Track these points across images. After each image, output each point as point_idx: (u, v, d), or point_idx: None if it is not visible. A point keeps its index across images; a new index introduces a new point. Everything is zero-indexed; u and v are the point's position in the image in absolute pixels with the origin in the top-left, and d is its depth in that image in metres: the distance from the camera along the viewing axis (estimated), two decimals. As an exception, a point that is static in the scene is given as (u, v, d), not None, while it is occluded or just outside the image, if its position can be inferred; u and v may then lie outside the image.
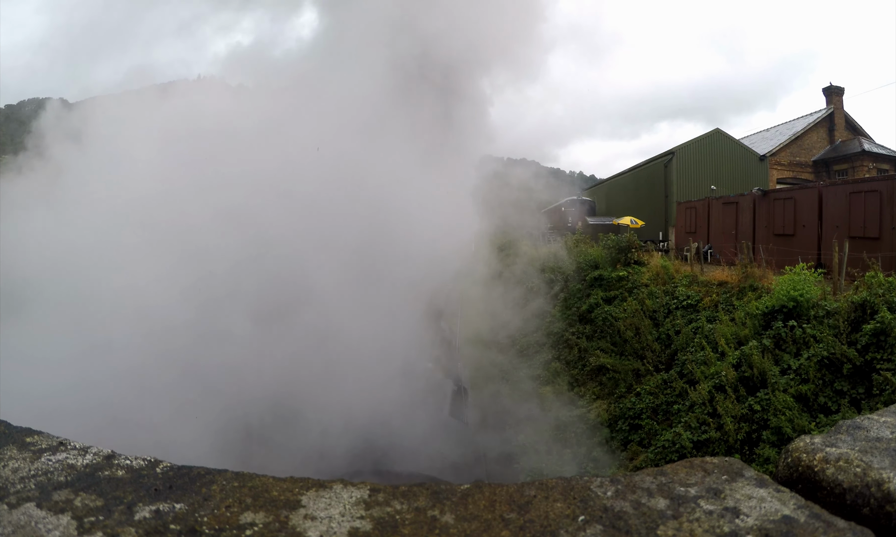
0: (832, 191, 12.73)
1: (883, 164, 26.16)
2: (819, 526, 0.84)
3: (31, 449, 1.05)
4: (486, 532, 0.86)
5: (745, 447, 6.91)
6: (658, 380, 9.29)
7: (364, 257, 11.22)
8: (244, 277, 10.14)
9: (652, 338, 10.44)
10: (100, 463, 1.02)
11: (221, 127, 11.50)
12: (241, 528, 0.85)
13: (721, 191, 22.50)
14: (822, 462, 1.01)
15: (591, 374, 11.21)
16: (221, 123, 11.54)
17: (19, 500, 0.88)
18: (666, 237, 24.06)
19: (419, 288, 11.92)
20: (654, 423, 8.57)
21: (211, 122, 11.51)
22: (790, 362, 7.42)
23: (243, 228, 10.53)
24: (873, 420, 1.17)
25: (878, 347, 6.64)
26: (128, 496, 0.92)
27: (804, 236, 13.06)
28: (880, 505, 0.90)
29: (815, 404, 6.79)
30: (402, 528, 0.87)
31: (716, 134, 27.52)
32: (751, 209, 15.38)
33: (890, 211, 10.91)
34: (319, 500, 0.94)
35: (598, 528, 0.86)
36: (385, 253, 11.45)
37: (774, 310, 8.24)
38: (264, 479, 1.00)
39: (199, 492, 0.95)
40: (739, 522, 0.86)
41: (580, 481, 1.00)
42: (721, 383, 7.74)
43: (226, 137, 11.39)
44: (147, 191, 10.44)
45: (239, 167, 10.96)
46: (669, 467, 1.05)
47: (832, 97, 28.76)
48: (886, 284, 7.25)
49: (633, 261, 14.18)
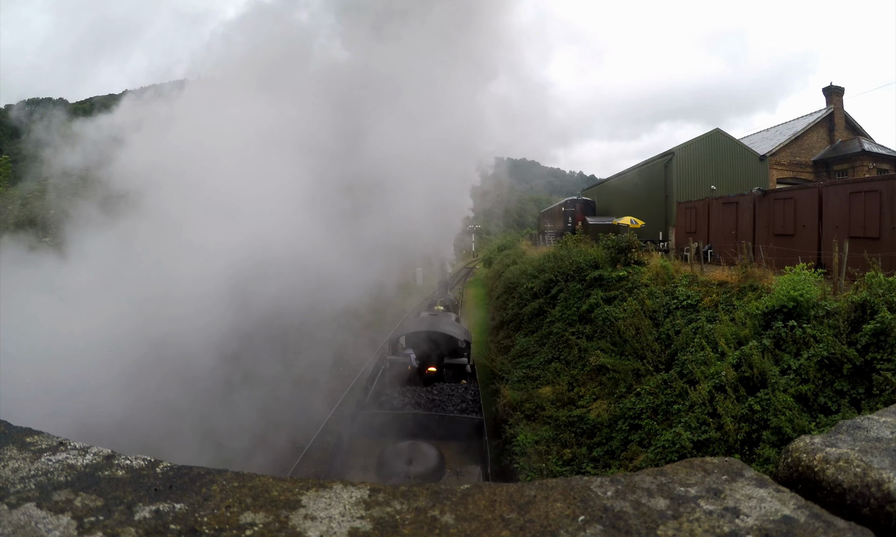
0: (832, 191, 12.73)
1: (883, 164, 26.17)
2: (819, 526, 0.84)
3: (31, 450, 1.05)
4: (486, 532, 0.86)
5: (745, 447, 6.90)
6: (658, 380, 9.28)
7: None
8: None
9: (652, 338, 10.44)
10: (100, 463, 1.02)
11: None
12: (241, 528, 0.85)
13: (721, 191, 22.50)
14: (822, 462, 1.01)
15: (591, 374, 11.21)
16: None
17: (19, 500, 0.88)
18: (666, 237, 24.06)
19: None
20: (654, 423, 8.56)
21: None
22: (790, 362, 7.42)
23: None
24: (873, 420, 1.17)
25: (878, 347, 6.63)
26: (128, 496, 0.92)
27: (804, 236, 13.06)
28: (880, 505, 0.90)
29: (815, 404, 6.78)
30: (402, 528, 0.87)
31: (716, 134, 27.52)
32: (751, 209, 15.38)
33: (890, 211, 10.91)
34: (319, 500, 0.94)
35: (598, 528, 0.86)
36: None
37: (774, 310, 8.23)
38: (264, 479, 1.00)
39: (199, 492, 0.95)
40: (739, 522, 0.86)
41: (580, 481, 1.00)
42: (721, 383, 7.74)
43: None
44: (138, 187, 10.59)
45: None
46: (669, 467, 1.06)
47: (832, 97, 28.78)
48: (886, 284, 7.25)
49: (633, 261, 14.18)
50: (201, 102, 12.18)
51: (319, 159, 12.01)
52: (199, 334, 9.27)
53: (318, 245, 11.62)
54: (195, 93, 12.82)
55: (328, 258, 11.83)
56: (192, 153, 10.77)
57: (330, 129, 12.49)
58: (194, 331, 9.19)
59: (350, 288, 12.92)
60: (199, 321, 9.26)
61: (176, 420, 8.84)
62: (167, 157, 10.59)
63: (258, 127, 11.63)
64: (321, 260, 11.65)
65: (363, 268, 12.87)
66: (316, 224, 11.76)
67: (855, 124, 29.12)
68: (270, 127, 11.79)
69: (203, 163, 10.73)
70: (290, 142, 11.95)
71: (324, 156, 12.21)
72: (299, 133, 12.12)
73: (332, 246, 12.00)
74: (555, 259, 17.75)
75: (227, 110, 11.69)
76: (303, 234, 11.31)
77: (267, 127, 11.76)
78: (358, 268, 12.59)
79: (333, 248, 12.00)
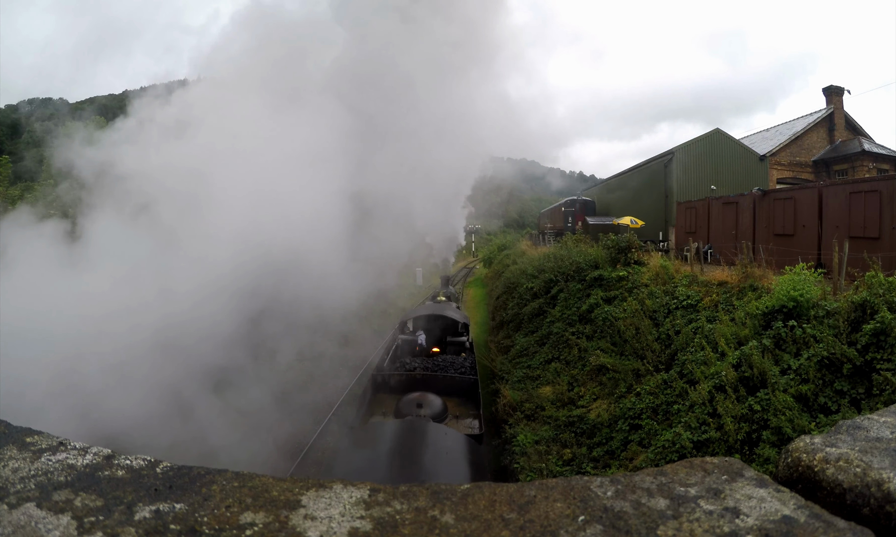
0: (832, 191, 12.72)
1: (883, 164, 26.16)
2: (819, 526, 0.84)
3: (31, 449, 1.05)
4: (486, 532, 0.86)
5: (745, 447, 6.90)
6: (658, 380, 9.28)
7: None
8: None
9: (652, 338, 10.44)
10: (100, 463, 1.02)
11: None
12: (241, 528, 0.85)
13: (721, 191, 22.49)
14: (822, 462, 1.01)
15: (591, 374, 11.21)
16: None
17: (19, 500, 0.88)
18: (666, 237, 24.06)
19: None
20: (654, 423, 8.56)
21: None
22: (790, 362, 7.41)
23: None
24: (873, 420, 1.17)
25: (878, 347, 6.63)
26: (128, 496, 0.92)
27: (804, 236, 13.05)
28: (880, 505, 0.90)
29: (815, 404, 6.78)
30: (402, 528, 0.87)
31: (716, 134, 27.51)
32: (751, 209, 15.37)
33: (890, 211, 10.90)
34: (319, 500, 0.94)
35: (598, 528, 0.86)
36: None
37: (774, 310, 8.23)
38: (264, 479, 1.00)
39: (199, 492, 0.95)
40: (739, 522, 0.86)
41: (580, 481, 1.00)
42: (721, 383, 7.73)
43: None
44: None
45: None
46: (669, 467, 1.05)
47: (832, 97, 28.77)
48: (886, 284, 7.24)
49: (633, 261, 14.17)
50: (209, 106, 12.60)
51: (332, 171, 12.86)
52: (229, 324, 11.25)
53: (335, 248, 13.45)
54: (205, 95, 13.23)
55: (341, 261, 13.75)
56: (210, 156, 11.64)
57: (340, 139, 13.08)
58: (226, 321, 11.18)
59: (358, 287, 14.87)
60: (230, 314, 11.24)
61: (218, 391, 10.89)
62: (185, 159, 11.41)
63: (273, 135, 12.33)
64: (336, 263, 13.54)
65: (368, 270, 14.26)
66: (331, 230, 13.39)
67: (855, 124, 29.11)
68: (287, 138, 12.48)
69: (218, 169, 11.72)
70: (304, 153, 12.65)
71: (336, 167, 13.00)
72: (311, 144, 12.70)
73: (344, 251, 13.83)
74: (555, 259, 17.73)
75: (234, 113, 12.08)
76: (321, 240, 12.98)
77: (282, 137, 12.41)
78: (363, 270, 13.95)
79: (345, 253, 13.88)
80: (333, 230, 13.21)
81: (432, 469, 5.25)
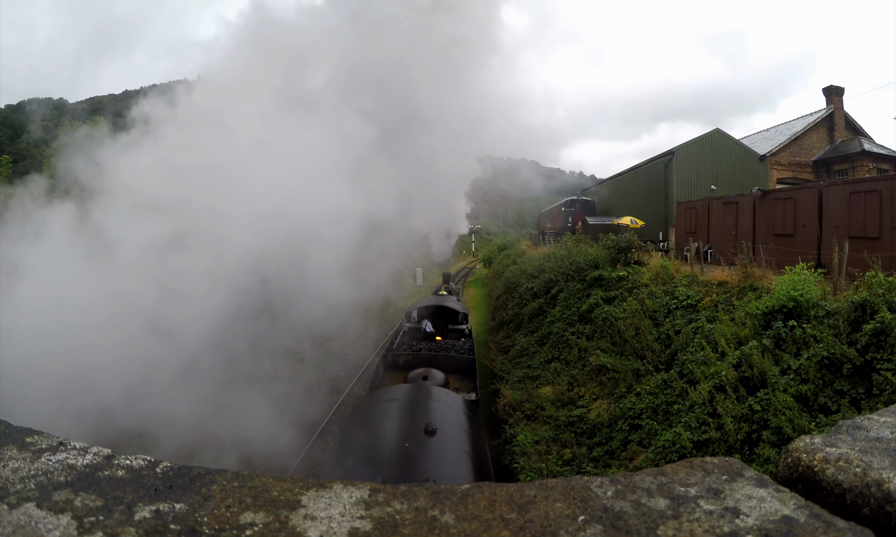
0: (832, 191, 12.71)
1: (883, 164, 26.16)
2: (819, 526, 0.84)
3: (31, 450, 1.05)
4: (486, 532, 0.86)
5: (745, 447, 6.90)
6: (658, 380, 9.27)
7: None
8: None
9: (652, 338, 10.43)
10: (100, 463, 1.02)
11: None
12: (241, 528, 0.85)
13: (721, 191, 22.48)
14: (822, 462, 1.01)
15: (591, 374, 11.20)
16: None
17: (19, 500, 0.88)
18: (666, 237, 24.05)
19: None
20: (654, 423, 8.56)
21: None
22: (790, 362, 7.41)
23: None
24: (873, 420, 1.17)
25: (878, 347, 6.62)
26: (128, 496, 0.92)
27: (804, 236, 13.05)
28: (880, 506, 0.90)
29: (815, 404, 6.78)
30: (402, 528, 0.87)
31: (716, 134, 27.50)
32: (751, 209, 15.37)
33: (890, 211, 10.90)
34: (319, 500, 0.94)
35: (598, 528, 0.86)
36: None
37: (774, 310, 8.23)
38: (264, 479, 1.00)
39: (199, 492, 0.95)
40: (739, 522, 0.86)
41: (580, 481, 1.00)
42: (721, 383, 7.73)
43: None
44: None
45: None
46: (669, 467, 1.05)
47: (832, 97, 28.76)
48: (886, 284, 7.24)
49: (633, 261, 14.17)
50: (214, 108, 13.10)
51: (343, 180, 13.67)
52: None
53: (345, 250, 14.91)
54: (214, 95, 13.72)
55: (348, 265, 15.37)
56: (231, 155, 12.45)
57: (347, 147, 13.73)
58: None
59: (365, 286, 16.79)
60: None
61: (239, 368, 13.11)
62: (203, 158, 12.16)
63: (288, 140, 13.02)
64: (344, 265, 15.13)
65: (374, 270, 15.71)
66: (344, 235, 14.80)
67: (855, 124, 29.10)
68: (296, 142, 13.12)
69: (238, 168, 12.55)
70: (314, 161, 13.39)
71: (343, 174, 13.73)
72: (317, 150, 13.34)
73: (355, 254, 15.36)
74: (555, 259, 17.73)
75: (238, 112, 12.46)
76: (333, 244, 14.46)
77: (291, 142, 13.03)
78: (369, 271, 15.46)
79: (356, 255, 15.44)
80: (342, 231, 14.47)
81: (437, 417, 6.20)
